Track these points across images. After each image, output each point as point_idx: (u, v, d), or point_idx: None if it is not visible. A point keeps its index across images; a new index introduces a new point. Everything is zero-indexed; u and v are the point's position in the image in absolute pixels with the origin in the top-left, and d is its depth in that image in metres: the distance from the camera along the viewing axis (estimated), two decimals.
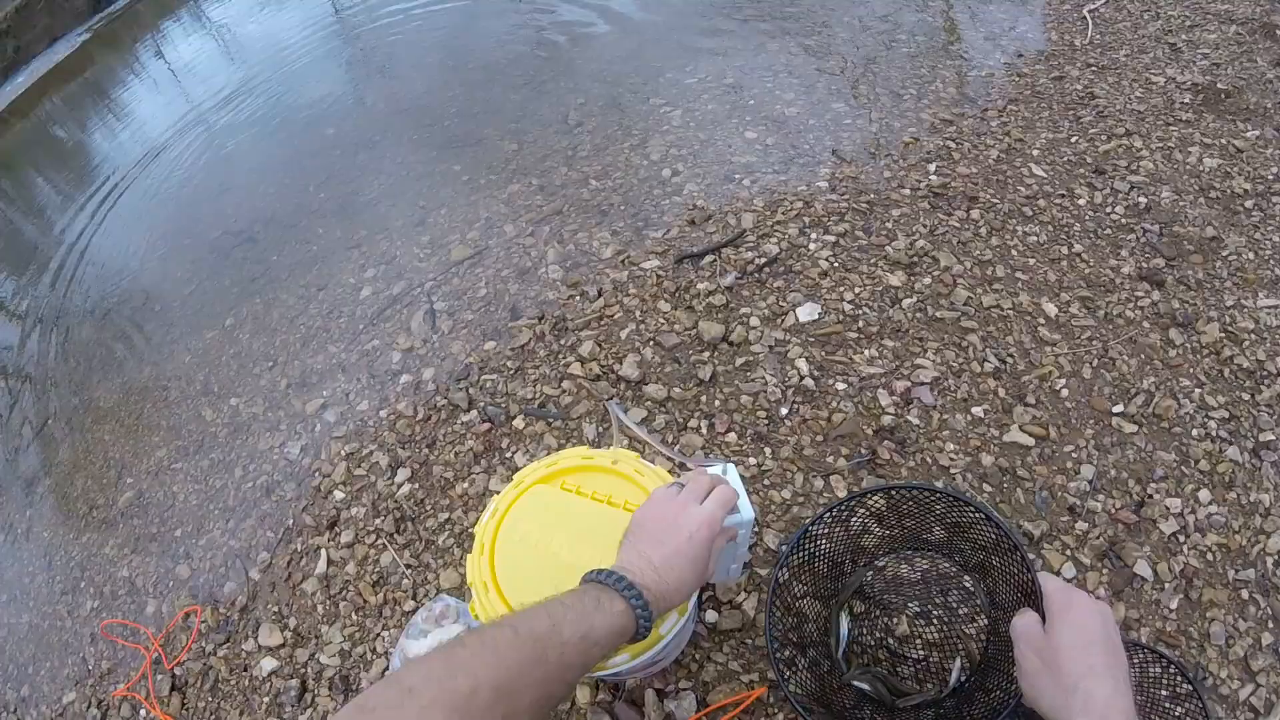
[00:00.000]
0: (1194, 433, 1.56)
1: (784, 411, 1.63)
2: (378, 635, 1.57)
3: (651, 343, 1.84)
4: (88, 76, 6.19)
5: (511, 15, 4.06)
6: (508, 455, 1.75)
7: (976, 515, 1.06)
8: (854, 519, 1.23)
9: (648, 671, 1.31)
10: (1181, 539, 1.41)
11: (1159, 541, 1.40)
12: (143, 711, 1.69)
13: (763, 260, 1.97)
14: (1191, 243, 1.93)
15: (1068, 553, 1.40)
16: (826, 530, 1.21)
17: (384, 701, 0.57)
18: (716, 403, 1.69)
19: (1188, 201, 2.04)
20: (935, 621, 1.28)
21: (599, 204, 2.39)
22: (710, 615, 1.37)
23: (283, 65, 4.49)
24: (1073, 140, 2.30)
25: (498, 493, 1.65)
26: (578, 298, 2.06)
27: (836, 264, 1.94)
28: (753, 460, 1.57)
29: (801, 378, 1.69)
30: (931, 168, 2.22)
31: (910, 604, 1.30)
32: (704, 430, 1.65)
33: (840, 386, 1.67)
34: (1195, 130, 2.26)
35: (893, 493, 1.17)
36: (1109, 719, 0.72)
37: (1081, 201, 2.08)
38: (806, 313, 1.81)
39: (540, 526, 1.11)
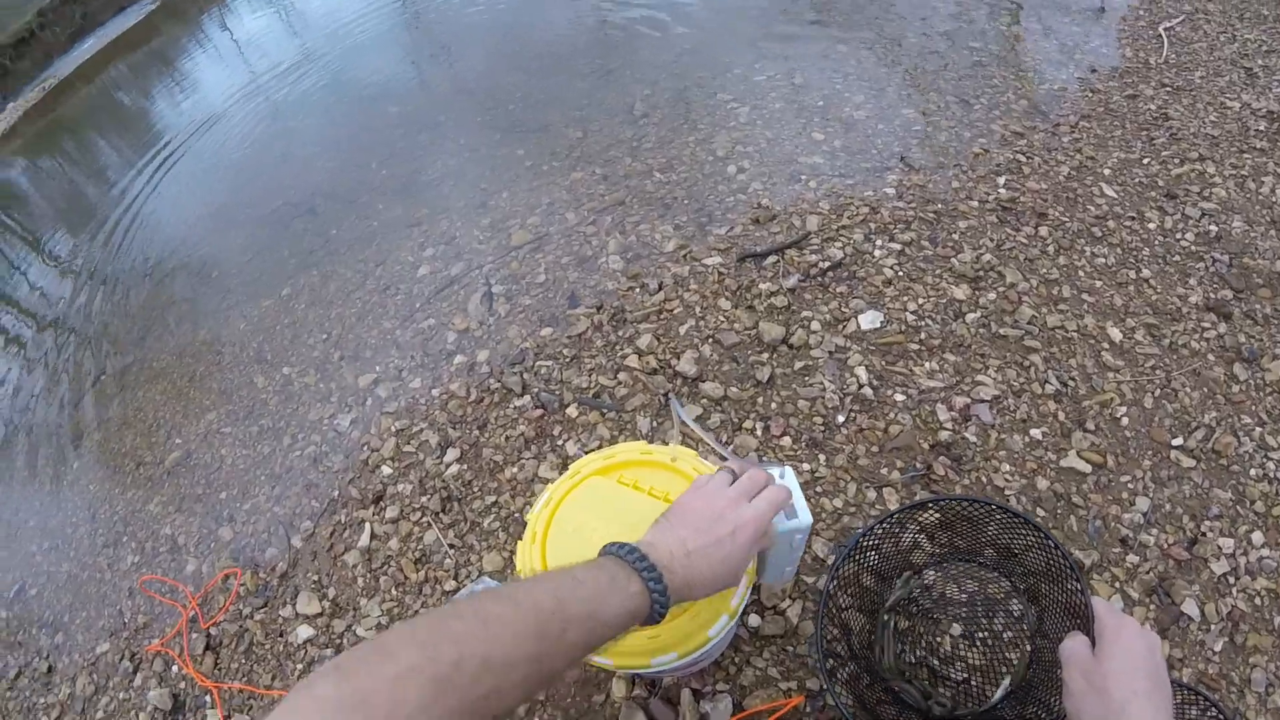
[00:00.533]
0: (1252, 472, 1.54)
1: (840, 419, 1.64)
2: (416, 612, 1.59)
3: (710, 340, 1.85)
4: (152, 45, 6.36)
5: (579, 2, 4.07)
6: (559, 443, 1.78)
7: (1030, 538, 1.06)
8: (905, 534, 1.24)
9: (687, 671, 1.31)
10: (1231, 580, 1.39)
11: (1209, 581, 1.39)
12: (175, 668, 1.73)
13: (826, 264, 1.97)
14: (1261, 276, 1.89)
15: (1117, 585, 1.39)
16: (877, 542, 1.21)
17: (362, 663, 0.53)
18: (773, 405, 1.70)
19: (1259, 233, 2.00)
20: (979, 645, 1.28)
21: (662, 197, 2.39)
22: (753, 619, 1.38)
23: (345, 41, 4.56)
24: (1145, 162, 2.26)
25: (547, 480, 1.69)
26: (638, 290, 2.07)
27: (901, 273, 1.93)
28: (806, 466, 1.58)
29: (860, 386, 1.69)
30: (1001, 181, 2.19)
31: (955, 624, 1.30)
32: (759, 432, 1.66)
33: (899, 398, 1.67)
34: (1269, 160, 2.21)
35: (947, 505, 1.17)
36: None
37: (1151, 225, 2.04)
38: (868, 320, 1.81)
39: (595, 518, 1.10)
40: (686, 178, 2.45)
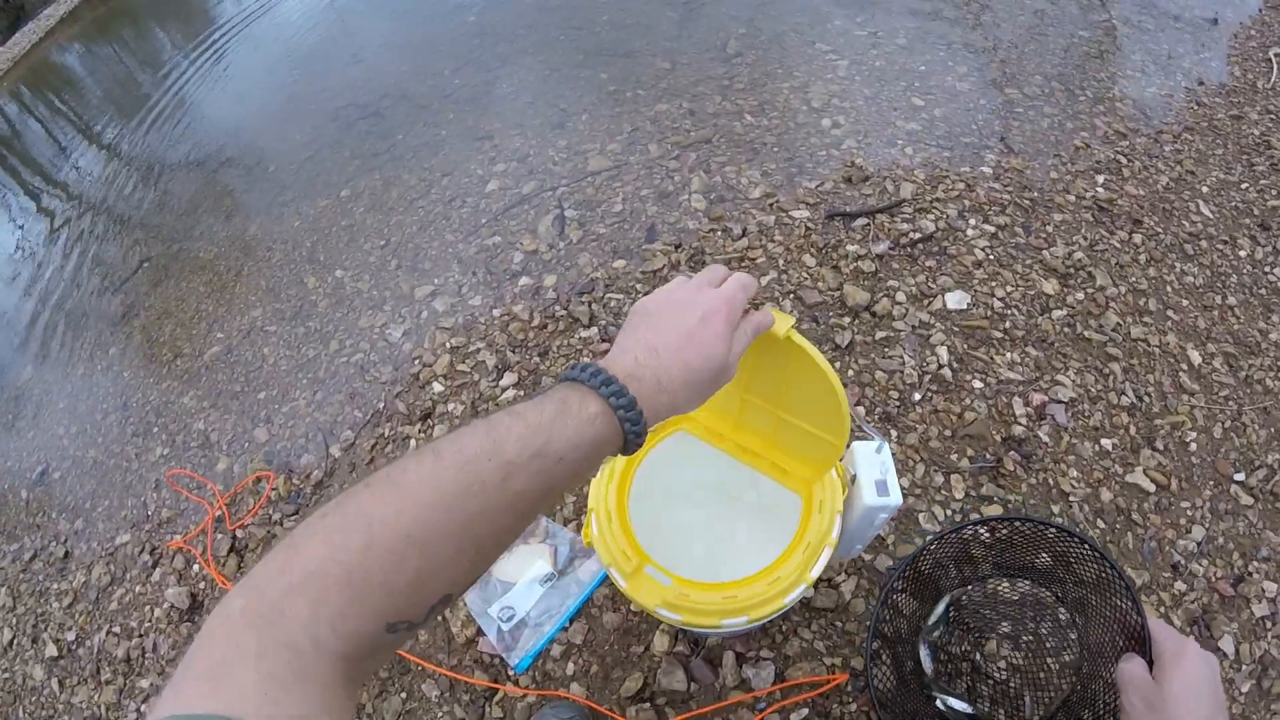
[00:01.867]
0: None
1: (917, 397, 1.62)
2: None
3: (792, 295, 1.81)
4: None
5: None
6: None
7: (1087, 550, 1.03)
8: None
9: (735, 633, 1.31)
10: (1269, 625, 1.39)
11: (1248, 621, 1.39)
12: (195, 567, 1.70)
13: (917, 235, 1.92)
14: None
15: (1162, 609, 1.40)
16: (937, 545, 1.19)
17: (271, 568, 0.44)
18: (850, 372, 1.67)
19: None
20: (1023, 647, 1.28)
21: (751, 140, 2.32)
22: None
23: None
24: (1243, 186, 2.20)
25: None
26: (719, 233, 2.02)
27: (992, 256, 1.89)
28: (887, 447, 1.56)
29: (940, 366, 1.67)
30: (1100, 179, 2.13)
31: (1003, 623, 1.30)
32: (851, 407, 1.63)
33: (977, 384, 1.65)
34: None
35: (1010, 524, 1.14)
36: None
37: (1243, 253, 2.00)
38: (955, 300, 1.78)
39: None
40: (778, 125, 2.37)
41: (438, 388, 1.84)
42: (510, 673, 1.37)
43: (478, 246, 2.19)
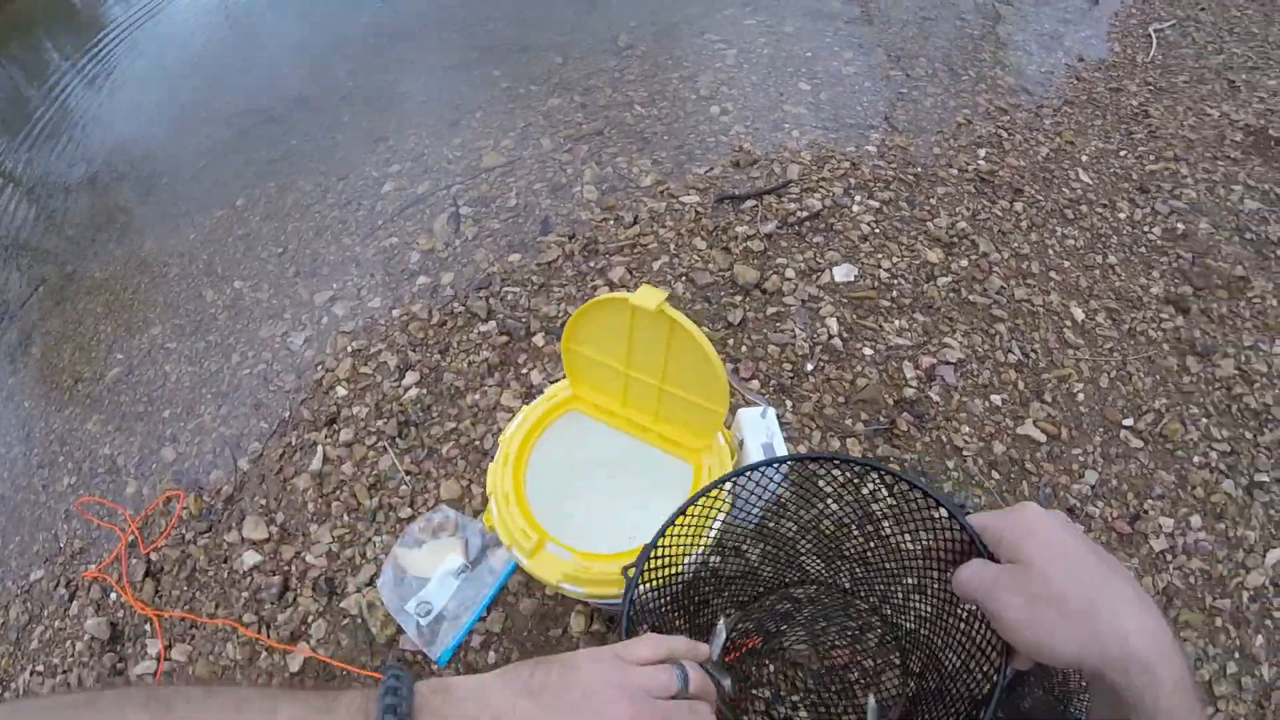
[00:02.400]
0: (1195, 460, 1.58)
1: (809, 367, 1.62)
2: (369, 540, 1.53)
3: (684, 278, 1.80)
4: None
5: None
6: (524, 371, 1.72)
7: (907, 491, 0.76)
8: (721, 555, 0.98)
9: None
10: (1169, 558, 1.43)
11: (1148, 556, 1.43)
12: (113, 595, 1.63)
13: (804, 214, 1.94)
14: (1220, 278, 1.93)
15: None
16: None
17: None
18: (744, 348, 1.67)
19: (1223, 237, 2.04)
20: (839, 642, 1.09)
21: (642, 130, 2.32)
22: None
23: None
24: (1121, 154, 2.28)
25: (510, 409, 1.64)
26: (612, 222, 2.01)
27: (877, 230, 1.91)
28: (772, 412, 1.56)
29: (830, 336, 1.67)
30: (981, 153, 2.19)
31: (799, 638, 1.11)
32: (729, 373, 1.63)
33: (867, 352, 1.66)
34: (1241, 170, 2.25)
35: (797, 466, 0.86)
36: (1158, 630, 0.52)
37: (1122, 215, 2.07)
38: (843, 273, 1.79)
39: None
40: (668, 114, 2.37)
41: (341, 391, 1.79)
42: (433, 667, 1.34)
43: (375, 248, 2.15)
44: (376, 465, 1.64)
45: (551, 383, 1.64)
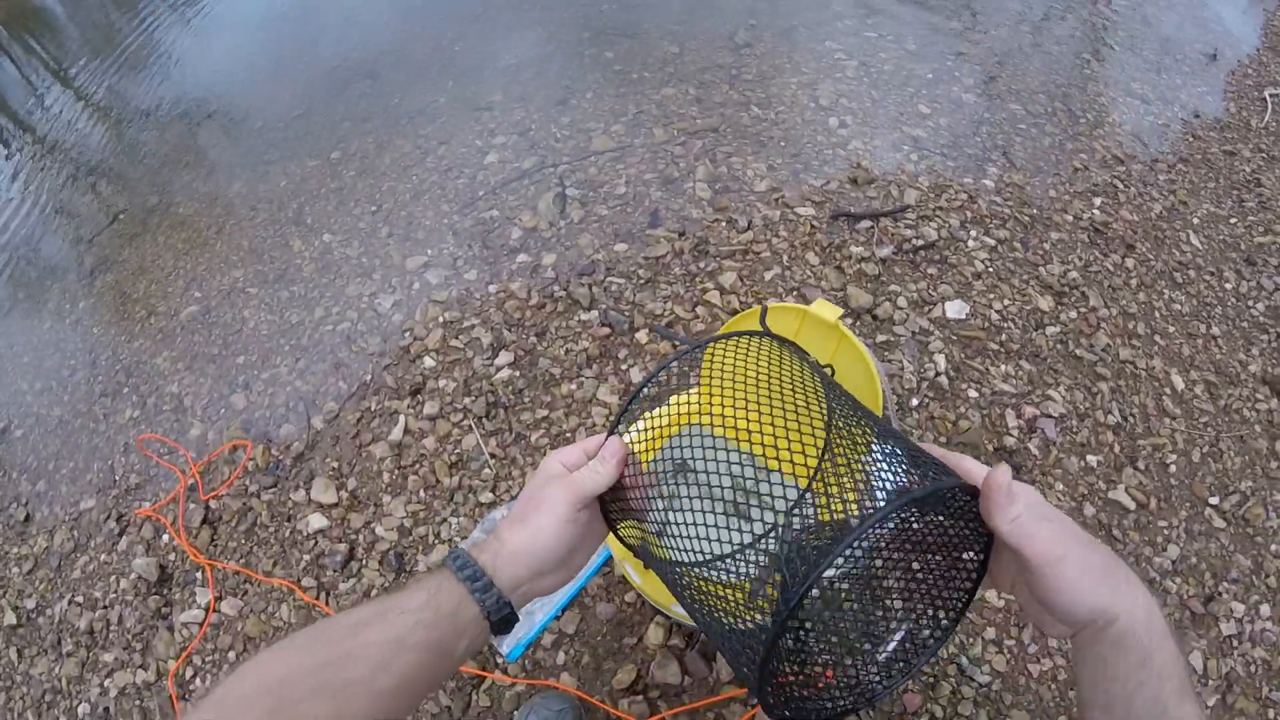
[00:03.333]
0: (1273, 547, 1.58)
1: (914, 402, 1.63)
2: (444, 520, 1.52)
3: (795, 292, 1.81)
4: None
5: None
6: (623, 367, 1.72)
7: None
8: None
9: None
10: (1235, 644, 1.44)
11: (1216, 639, 1.43)
12: (165, 537, 1.63)
13: (920, 242, 1.93)
14: None
15: None
16: None
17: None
18: None
19: None
20: None
21: (758, 133, 2.30)
22: None
23: None
24: (1231, 221, 2.25)
25: (606, 403, 1.62)
26: (724, 224, 2.01)
27: (991, 269, 1.91)
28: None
29: (938, 374, 1.68)
30: (1097, 202, 2.17)
31: None
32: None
33: (972, 394, 1.66)
34: None
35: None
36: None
37: (1228, 286, 2.05)
38: (955, 309, 1.79)
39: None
40: (785, 119, 2.35)
41: (429, 362, 1.79)
42: (500, 660, 1.35)
43: (474, 219, 2.14)
44: (460, 444, 1.63)
45: (652, 384, 1.65)
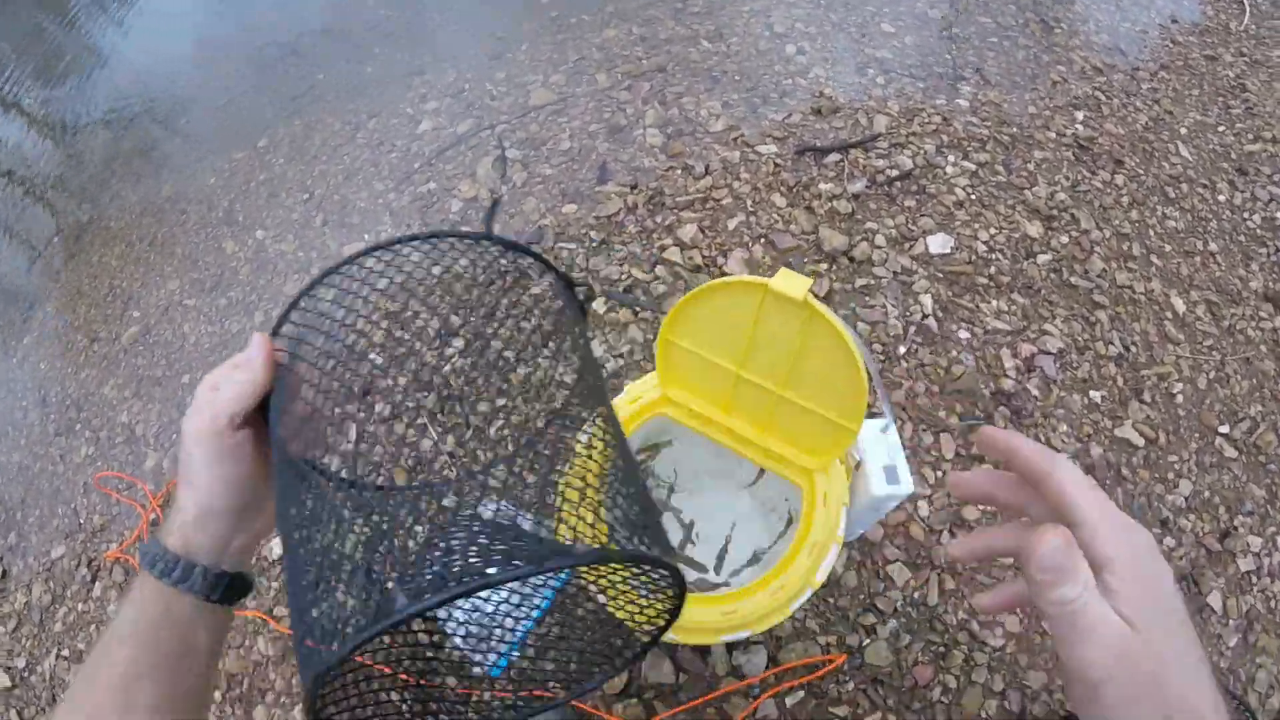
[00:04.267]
0: None
1: (902, 350, 1.49)
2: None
3: (763, 240, 1.65)
4: None
5: None
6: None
7: None
8: None
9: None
10: (1254, 580, 1.36)
11: (1234, 576, 1.35)
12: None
13: (895, 173, 1.77)
14: None
15: None
16: None
17: None
18: None
19: None
20: None
21: (710, 69, 2.12)
22: None
23: None
24: (1220, 129, 2.12)
25: (565, 385, 1.48)
26: (679, 171, 1.84)
27: (974, 196, 1.76)
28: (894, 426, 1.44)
29: (925, 315, 1.54)
30: (1079, 116, 2.02)
31: None
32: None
33: (964, 335, 1.53)
34: None
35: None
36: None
37: (1221, 198, 1.93)
38: (938, 244, 1.64)
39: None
40: (738, 51, 2.17)
41: (376, 359, 1.65)
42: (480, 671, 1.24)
43: (411, 195, 1.98)
44: (418, 446, 1.52)
45: (614, 356, 1.50)
